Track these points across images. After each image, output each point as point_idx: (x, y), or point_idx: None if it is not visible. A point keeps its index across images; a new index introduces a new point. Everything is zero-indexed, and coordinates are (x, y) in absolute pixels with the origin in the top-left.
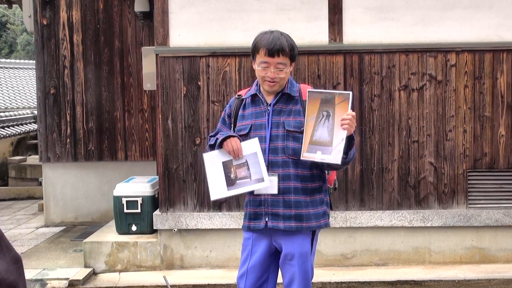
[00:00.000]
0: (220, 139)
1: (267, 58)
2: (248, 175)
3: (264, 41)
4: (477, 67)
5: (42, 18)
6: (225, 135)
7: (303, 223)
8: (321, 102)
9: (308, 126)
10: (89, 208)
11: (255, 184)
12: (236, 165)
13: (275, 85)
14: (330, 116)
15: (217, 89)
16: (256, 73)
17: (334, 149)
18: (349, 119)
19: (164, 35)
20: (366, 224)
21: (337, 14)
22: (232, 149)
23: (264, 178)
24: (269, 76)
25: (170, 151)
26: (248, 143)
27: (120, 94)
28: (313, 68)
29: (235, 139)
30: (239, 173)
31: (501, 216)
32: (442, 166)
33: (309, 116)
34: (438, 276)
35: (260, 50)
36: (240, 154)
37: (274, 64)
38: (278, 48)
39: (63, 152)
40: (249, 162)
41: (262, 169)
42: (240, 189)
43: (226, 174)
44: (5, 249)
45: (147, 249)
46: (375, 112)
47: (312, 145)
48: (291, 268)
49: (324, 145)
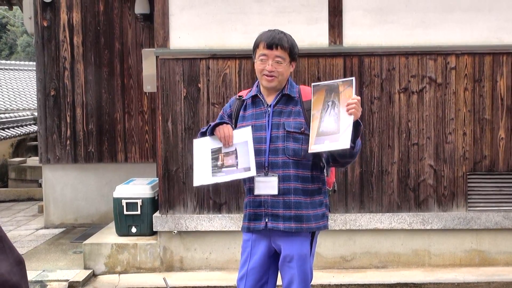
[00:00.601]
0: (212, 124)
1: (265, 51)
2: (236, 163)
3: (264, 36)
4: (477, 70)
5: (43, 20)
6: (219, 122)
7: (303, 224)
8: (326, 93)
9: (314, 118)
10: (89, 209)
11: (241, 172)
12: (225, 153)
13: (273, 80)
14: (336, 105)
15: (217, 91)
16: (256, 69)
17: (342, 135)
18: (355, 103)
19: (164, 37)
20: (365, 226)
21: (337, 16)
22: (223, 135)
23: (251, 167)
24: (267, 69)
25: (170, 153)
26: (241, 132)
27: (120, 96)
28: (313, 70)
29: (228, 126)
30: (226, 161)
31: (500, 219)
32: (441, 169)
33: (314, 109)
34: (438, 278)
35: (259, 44)
36: (230, 141)
37: (273, 56)
38: (277, 42)
39: (63, 153)
40: (238, 150)
41: (251, 158)
42: (225, 177)
43: (213, 161)
44: (8, 251)
45: (146, 251)
46: (375, 115)
47: (319, 136)
48: (290, 270)
49: (332, 134)
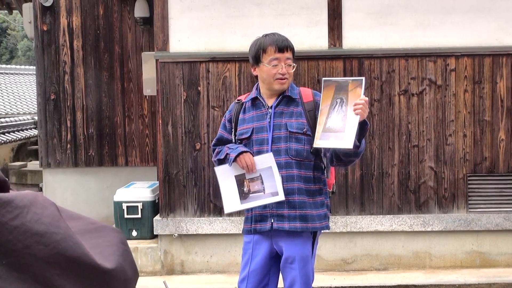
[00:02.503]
0: (233, 155)
1: (277, 54)
2: (262, 188)
3: (270, 40)
4: (477, 71)
5: (42, 24)
6: (238, 151)
7: (309, 224)
8: (335, 90)
9: (322, 113)
10: (89, 213)
11: (269, 197)
12: (249, 179)
13: (285, 82)
14: (344, 103)
15: (217, 94)
16: (265, 74)
17: (347, 135)
18: (362, 104)
19: (164, 40)
20: (366, 228)
21: (336, 19)
22: (245, 165)
23: (279, 192)
24: (280, 72)
25: (170, 157)
26: (262, 158)
27: (120, 100)
28: (313, 73)
29: (248, 154)
30: (252, 186)
31: (501, 221)
32: (442, 171)
33: (323, 103)
34: (439, 280)
35: (268, 49)
36: (254, 169)
37: (284, 59)
38: (286, 44)
39: (63, 157)
40: (263, 176)
41: (277, 183)
42: (254, 203)
43: (239, 188)
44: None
45: (147, 254)
46: (375, 117)
47: (325, 132)
48: (291, 272)
49: (337, 131)
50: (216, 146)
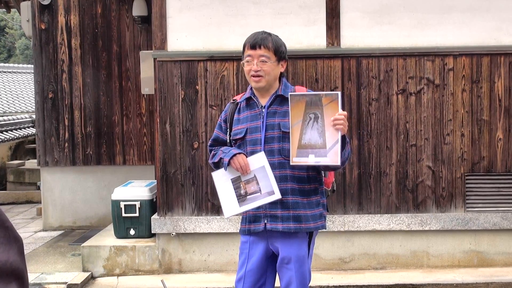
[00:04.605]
0: (227, 160)
1: (250, 51)
2: (258, 189)
3: (248, 38)
4: (475, 71)
5: (40, 23)
6: (231, 154)
7: (302, 224)
8: (306, 105)
9: (294, 130)
10: (87, 212)
11: (266, 197)
12: (245, 180)
13: (261, 80)
14: (319, 118)
15: (215, 93)
16: (244, 72)
17: (330, 151)
18: (342, 119)
19: (162, 39)
20: (364, 228)
21: (334, 18)
22: (239, 166)
23: (275, 190)
24: (253, 69)
25: (168, 155)
26: (255, 158)
27: (118, 98)
28: (311, 72)
29: (241, 155)
30: (249, 188)
31: (499, 220)
32: (440, 170)
33: (294, 120)
34: (436, 279)
35: (245, 47)
36: (248, 170)
37: (257, 56)
38: (259, 41)
39: (61, 156)
40: (257, 176)
41: (272, 182)
42: (252, 204)
43: (236, 191)
44: (13, 240)
45: (145, 253)
46: (373, 116)
47: (301, 149)
48: (288, 272)
49: (317, 148)
50: (212, 146)
